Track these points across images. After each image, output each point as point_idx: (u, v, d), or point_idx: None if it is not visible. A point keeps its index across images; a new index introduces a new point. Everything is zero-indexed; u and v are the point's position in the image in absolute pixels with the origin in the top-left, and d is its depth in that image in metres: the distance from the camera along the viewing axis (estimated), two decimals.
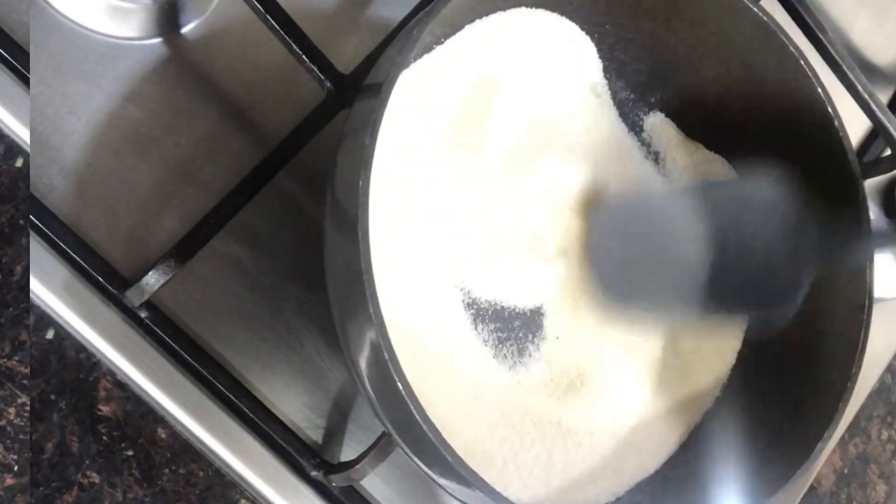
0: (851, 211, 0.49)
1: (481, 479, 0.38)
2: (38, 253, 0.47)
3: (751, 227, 0.46)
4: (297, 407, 0.51)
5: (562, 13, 0.51)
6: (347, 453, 0.52)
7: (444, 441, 0.37)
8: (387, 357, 0.36)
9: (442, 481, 0.41)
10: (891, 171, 0.62)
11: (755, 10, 0.49)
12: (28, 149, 0.48)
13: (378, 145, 0.38)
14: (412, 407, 0.36)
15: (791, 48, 0.49)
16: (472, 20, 0.48)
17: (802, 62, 0.49)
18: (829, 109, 0.49)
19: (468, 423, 0.46)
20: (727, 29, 0.50)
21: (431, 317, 0.46)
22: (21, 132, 0.48)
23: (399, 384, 0.36)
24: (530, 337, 0.50)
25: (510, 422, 0.47)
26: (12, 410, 0.50)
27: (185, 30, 0.51)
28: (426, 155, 0.47)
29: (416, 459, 0.41)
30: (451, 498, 0.54)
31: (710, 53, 0.52)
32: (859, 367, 0.47)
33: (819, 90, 0.49)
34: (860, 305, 0.48)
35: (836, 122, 0.49)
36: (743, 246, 0.46)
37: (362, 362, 0.40)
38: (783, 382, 0.52)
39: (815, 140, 0.50)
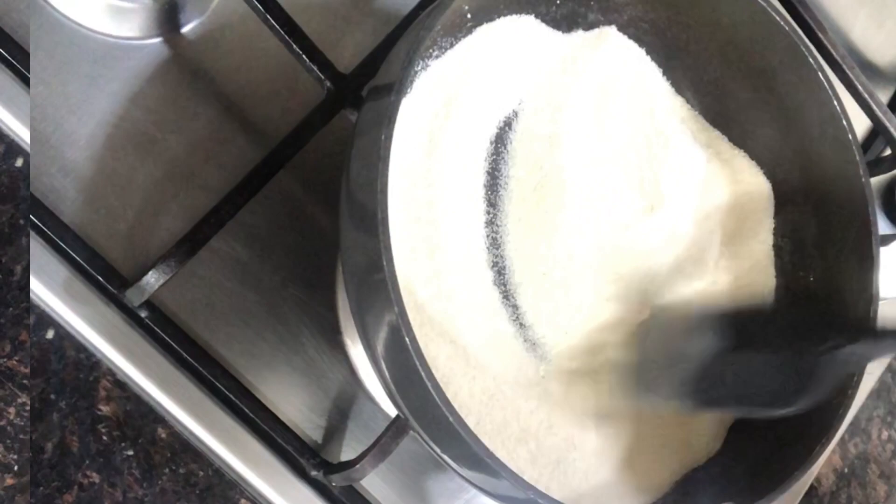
0: (857, 211, 0.49)
1: (499, 461, 0.38)
2: (38, 253, 0.47)
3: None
4: (297, 407, 0.51)
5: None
6: (347, 453, 0.52)
7: (461, 421, 0.37)
8: (407, 341, 0.37)
9: (458, 466, 0.41)
10: (891, 170, 0.62)
11: (777, 18, 0.49)
12: (28, 149, 0.48)
13: (394, 139, 0.38)
14: (430, 387, 0.37)
15: (809, 57, 0.49)
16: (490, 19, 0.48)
17: (816, 69, 0.49)
18: (844, 122, 0.49)
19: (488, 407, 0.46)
20: (745, 29, 0.50)
21: (453, 302, 0.46)
22: (21, 132, 0.48)
23: (418, 365, 0.37)
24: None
25: (532, 408, 0.47)
26: (12, 410, 0.50)
27: (185, 30, 0.51)
28: (442, 149, 0.47)
29: (431, 444, 0.41)
30: (451, 498, 0.54)
31: (723, 51, 0.52)
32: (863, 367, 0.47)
33: (834, 102, 0.49)
34: (864, 306, 0.48)
35: (847, 131, 0.49)
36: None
37: (379, 346, 0.40)
38: None
39: (822, 141, 0.50)
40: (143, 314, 0.48)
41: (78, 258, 0.48)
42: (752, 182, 0.54)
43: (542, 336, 0.49)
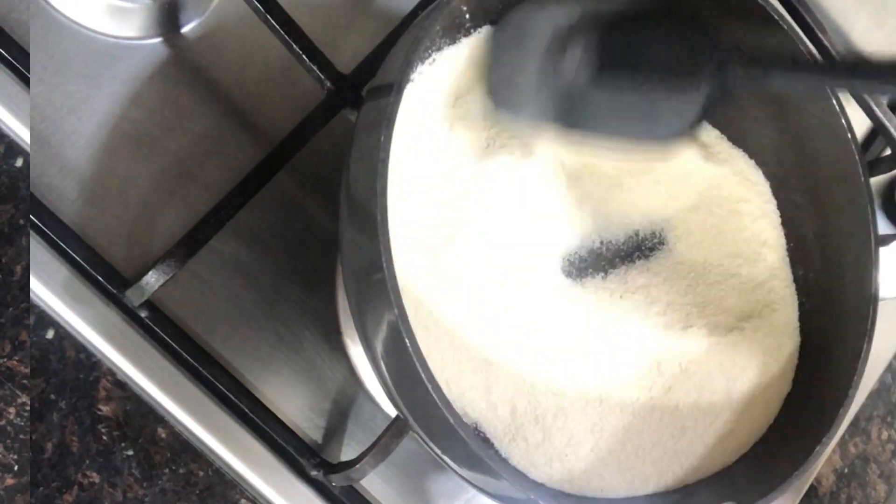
0: (857, 211, 0.49)
1: (499, 461, 0.38)
2: (38, 253, 0.47)
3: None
4: (297, 407, 0.51)
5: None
6: (347, 453, 0.52)
7: (461, 421, 0.37)
8: (407, 341, 0.37)
9: (457, 466, 0.41)
10: (891, 170, 0.62)
11: (776, 18, 0.49)
12: (28, 149, 0.48)
13: (394, 139, 0.38)
14: (430, 388, 0.37)
15: (809, 57, 0.49)
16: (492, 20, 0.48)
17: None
18: (844, 122, 0.49)
19: (486, 403, 0.46)
20: (744, 29, 0.50)
21: (453, 300, 0.46)
22: (21, 132, 0.48)
23: (418, 365, 0.37)
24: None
25: (532, 402, 0.47)
26: (12, 410, 0.50)
27: (185, 30, 0.51)
28: (439, 150, 0.47)
29: (431, 444, 0.41)
30: (451, 498, 0.54)
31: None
32: (863, 368, 0.47)
33: (834, 102, 0.49)
34: (864, 306, 0.48)
35: (847, 131, 0.49)
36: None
37: (379, 346, 0.40)
38: None
39: (822, 141, 0.50)
40: (143, 314, 0.48)
41: (78, 258, 0.48)
42: (752, 182, 0.54)
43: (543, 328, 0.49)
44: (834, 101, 0.49)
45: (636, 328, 0.50)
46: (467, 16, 0.47)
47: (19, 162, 0.51)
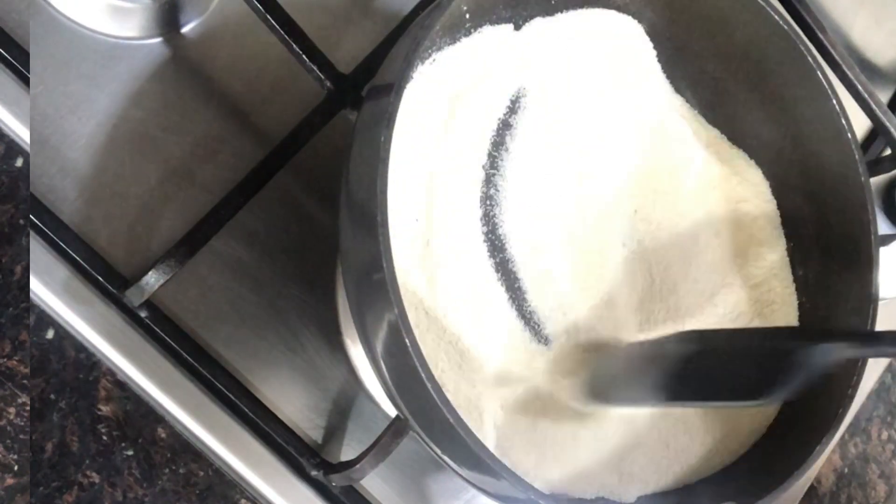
0: (857, 212, 0.49)
1: (499, 461, 0.38)
2: (38, 253, 0.47)
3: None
4: (297, 407, 0.51)
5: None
6: (347, 453, 0.52)
7: (461, 422, 0.37)
8: (407, 342, 0.37)
9: (457, 467, 0.41)
10: (891, 170, 0.62)
11: (776, 17, 0.49)
12: (28, 149, 0.48)
13: (394, 139, 0.38)
14: (430, 388, 0.37)
15: (808, 57, 0.49)
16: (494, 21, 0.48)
17: (816, 69, 0.49)
18: (844, 122, 0.49)
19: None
20: (745, 29, 0.50)
21: (453, 299, 0.46)
22: (21, 132, 0.48)
23: (418, 365, 0.37)
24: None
25: (532, 404, 0.47)
26: (12, 410, 0.50)
27: (185, 30, 0.51)
28: (439, 149, 0.47)
29: (431, 444, 0.41)
30: (451, 498, 0.54)
31: (722, 50, 0.52)
32: (863, 368, 0.47)
33: (834, 102, 0.49)
34: (864, 306, 0.48)
35: (847, 131, 0.49)
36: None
37: (379, 346, 0.40)
38: None
39: (822, 141, 0.50)
40: (143, 314, 0.48)
41: (78, 258, 0.48)
42: (751, 182, 0.54)
43: (544, 320, 0.49)
44: (834, 101, 0.49)
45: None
46: (467, 16, 0.47)
47: (19, 162, 0.51)
